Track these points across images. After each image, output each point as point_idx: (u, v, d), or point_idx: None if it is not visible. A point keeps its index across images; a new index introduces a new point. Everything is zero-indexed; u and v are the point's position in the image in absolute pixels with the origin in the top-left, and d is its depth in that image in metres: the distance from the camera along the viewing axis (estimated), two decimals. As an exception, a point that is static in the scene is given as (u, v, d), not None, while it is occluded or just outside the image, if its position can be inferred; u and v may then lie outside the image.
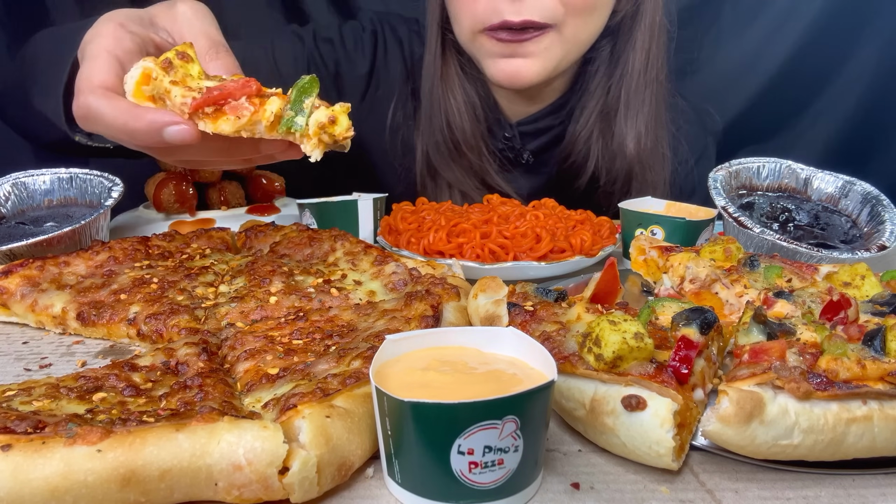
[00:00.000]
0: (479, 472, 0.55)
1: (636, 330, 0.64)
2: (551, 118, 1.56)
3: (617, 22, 1.46)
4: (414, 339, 0.65)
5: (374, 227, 1.24)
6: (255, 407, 0.65)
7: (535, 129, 1.57)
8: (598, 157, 1.52)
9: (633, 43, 1.47)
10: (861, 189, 1.19)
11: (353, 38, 1.60)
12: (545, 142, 1.58)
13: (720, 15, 2.10)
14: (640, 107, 1.49)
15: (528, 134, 1.57)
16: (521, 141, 1.57)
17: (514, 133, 1.56)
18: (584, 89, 1.52)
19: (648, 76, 1.48)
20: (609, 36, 1.48)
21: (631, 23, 1.46)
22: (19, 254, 1.05)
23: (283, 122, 0.76)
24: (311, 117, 0.76)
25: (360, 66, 1.60)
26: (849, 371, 0.62)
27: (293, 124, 0.76)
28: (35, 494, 0.52)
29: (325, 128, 0.76)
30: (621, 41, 1.48)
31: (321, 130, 0.76)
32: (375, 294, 0.94)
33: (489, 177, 1.55)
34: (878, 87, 2.10)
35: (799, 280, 0.89)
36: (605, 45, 1.49)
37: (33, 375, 0.80)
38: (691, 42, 2.03)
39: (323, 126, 0.76)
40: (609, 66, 1.50)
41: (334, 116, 0.76)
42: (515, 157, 1.59)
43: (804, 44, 2.09)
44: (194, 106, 0.74)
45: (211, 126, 0.75)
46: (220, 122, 0.75)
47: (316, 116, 0.76)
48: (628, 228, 1.18)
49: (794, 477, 0.63)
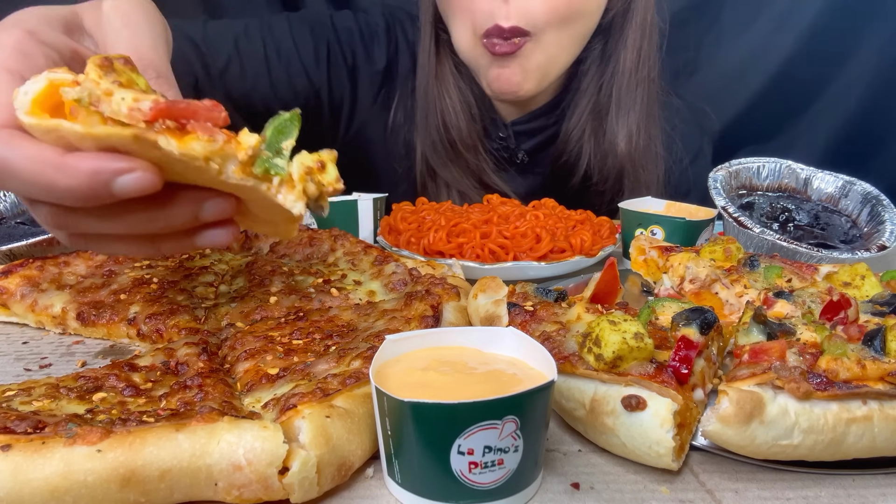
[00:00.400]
0: (479, 473, 0.55)
1: (636, 330, 0.64)
2: (545, 118, 1.56)
3: (609, 20, 1.46)
4: (414, 339, 0.65)
5: (374, 227, 1.24)
6: (255, 407, 0.65)
7: (530, 128, 1.57)
8: (590, 155, 1.52)
9: (624, 41, 1.47)
10: (861, 189, 1.19)
11: (370, 30, 1.59)
12: (539, 141, 1.59)
13: (720, 15, 2.10)
14: (631, 105, 1.49)
15: (523, 134, 1.58)
16: (515, 141, 1.57)
17: (508, 133, 1.56)
18: (577, 88, 1.53)
19: (640, 74, 1.48)
20: (601, 34, 1.48)
21: (622, 21, 1.46)
22: (19, 254, 1.05)
23: (259, 162, 0.58)
24: (294, 161, 0.60)
25: (378, 61, 1.58)
26: (849, 371, 0.62)
27: (272, 166, 0.59)
28: (35, 494, 0.52)
29: (313, 174, 0.60)
30: (613, 39, 1.48)
31: (307, 177, 0.60)
32: (375, 294, 0.94)
33: (486, 176, 1.55)
34: (878, 87, 2.10)
35: (799, 280, 0.89)
36: (597, 44, 1.49)
37: (33, 375, 0.80)
38: (691, 42, 2.03)
39: (310, 171, 0.60)
40: (601, 64, 1.50)
41: (322, 162, 0.61)
42: (510, 157, 1.59)
43: (804, 44, 2.09)
44: (155, 111, 0.53)
45: (176, 145, 0.54)
46: (188, 140, 0.55)
47: (300, 160, 0.60)
48: (628, 228, 1.18)
49: (794, 477, 0.63)
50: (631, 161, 1.51)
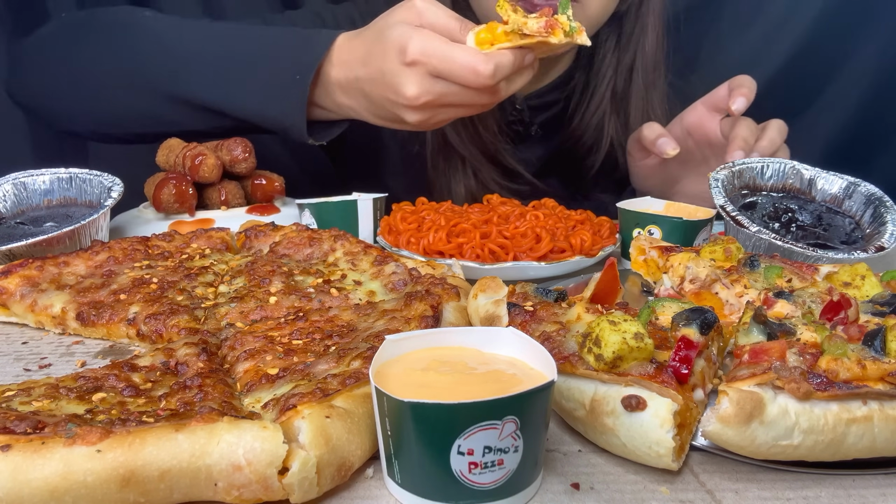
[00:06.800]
0: (479, 473, 0.55)
1: (636, 330, 0.64)
2: (557, 92, 1.63)
3: (625, 7, 1.52)
4: (414, 339, 0.65)
5: (373, 227, 1.24)
6: (254, 407, 0.65)
7: (544, 102, 1.63)
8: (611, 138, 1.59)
9: (643, 27, 1.54)
10: (865, 190, 1.19)
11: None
12: (553, 114, 1.65)
13: (720, 15, 2.10)
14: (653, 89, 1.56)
15: (536, 108, 1.63)
16: (529, 114, 1.63)
17: (524, 106, 1.62)
18: (594, 72, 1.59)
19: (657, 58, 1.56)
20: (616, 22, 1.54)
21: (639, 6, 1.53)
22: (19, 254, 1.05)
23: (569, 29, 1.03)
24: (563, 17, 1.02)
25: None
26: (849, 371, 0.62)
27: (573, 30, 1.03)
28: (34, 495, 0.52)
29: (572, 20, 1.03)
30: (629, 25, 1.54)
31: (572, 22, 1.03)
32: (375, 294, 0.94)
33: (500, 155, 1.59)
34: (879, 87, 2.10)
35: (799, 280, 0.89)
36: (613, 29, 1.55)
37: (33, 376, 0.80)
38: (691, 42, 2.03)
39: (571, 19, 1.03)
40: (617, 48, 1.56)
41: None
42: (525, 130, 1.65)
43: (805, 43, 2.08)
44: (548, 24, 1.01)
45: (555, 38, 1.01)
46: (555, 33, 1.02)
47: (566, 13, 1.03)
48: (626, 228, 1.18)
49: (794, 477, 0.63)
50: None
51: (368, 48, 1.14)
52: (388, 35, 1.10)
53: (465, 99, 1.09)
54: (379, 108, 1.17)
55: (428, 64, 1.05)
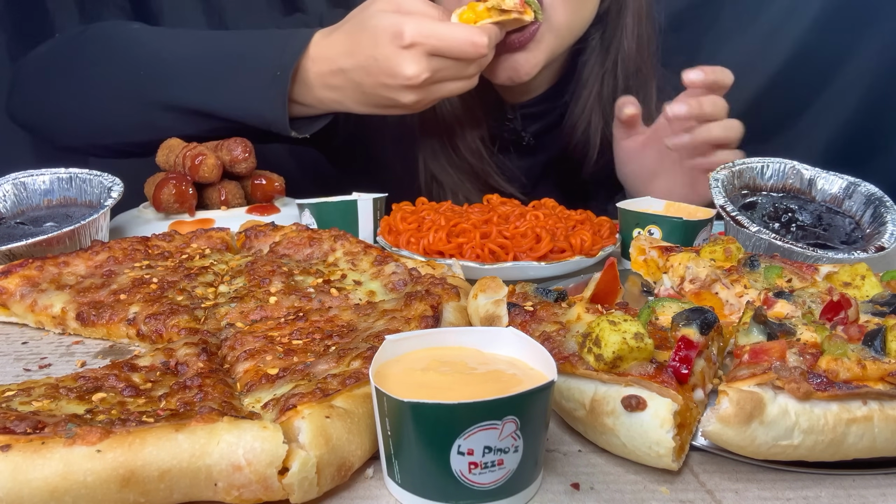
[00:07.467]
0: (479, 473, 0.55)
1: (636, 330, 0.64)
2: (548, 103, 1.61)
3: (605, 8, 1.50)
4: (414, 339, 0.65)
5: (373, 227, 1.24)
6: (254, 407, 0.65)
7: (537, 111, 1.62)
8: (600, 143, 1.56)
9: (623, 29, 1.51)
10: (865, 190, 1.19)
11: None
12: (545, 124, 1.64)
13: (720, 15, 2.10)
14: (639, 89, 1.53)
15: (529, 117, 1.62)
16: (522, 123, 1.62)
17: (516, 115, 1.61)
18: (577, 78, 1.56)
19: (641, 58, 1.53)
20: (598, 24, 1.52)
21: (618, 8, 1.51)
22: (19, 254, 1.05)
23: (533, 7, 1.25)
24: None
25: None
26: (849, 371, 0.62)
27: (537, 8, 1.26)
28: (34, 495, 0.52)
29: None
30: (610, 28, 1.52)
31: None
32: (375, 294, 0.93)
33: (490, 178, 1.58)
34: (879, 87, 2.10)
35: (799, 280, 0.89)
36: (595, 34, 1.53)
37: (33, 376, 0.80)
38: (691, 42, 2.03)
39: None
40: (600, 52, 1.54)
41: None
42: (517, 140, 1.64)
43: (805, 44, 2.08)
44: (521, 3, 1.21)
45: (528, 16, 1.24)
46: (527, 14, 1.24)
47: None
48: (626, 228, 1.18)
49: (794, 477, 0.63)
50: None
51: (352, 40, 1.19)
52: (374, 24, 1.16)
53: (457, 72, 1.21)
54: (370, 96, 1.23)
55: (426, 44, 1.14)
